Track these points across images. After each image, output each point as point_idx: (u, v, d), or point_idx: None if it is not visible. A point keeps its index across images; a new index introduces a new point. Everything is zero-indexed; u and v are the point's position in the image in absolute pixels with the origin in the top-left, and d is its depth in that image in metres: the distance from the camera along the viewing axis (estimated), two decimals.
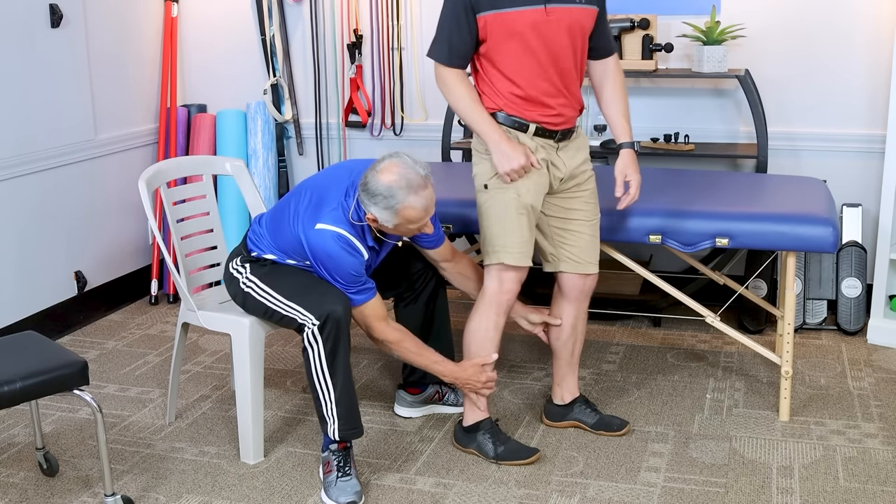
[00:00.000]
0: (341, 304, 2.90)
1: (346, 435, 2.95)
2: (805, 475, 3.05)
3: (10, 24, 3.99)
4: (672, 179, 3.81)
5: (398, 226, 2.87)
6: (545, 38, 2.88)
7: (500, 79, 2.94)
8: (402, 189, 2.78)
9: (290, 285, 3.00)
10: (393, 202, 2.79)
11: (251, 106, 4.83)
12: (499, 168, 2.93)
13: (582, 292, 3.23)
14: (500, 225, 2.99)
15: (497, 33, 2.87)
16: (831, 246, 3.20)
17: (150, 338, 4.35)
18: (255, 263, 3.11)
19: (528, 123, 2.96)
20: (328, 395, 2.93)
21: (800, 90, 4.31)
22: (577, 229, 3.14)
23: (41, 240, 4.23)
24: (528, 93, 2.93)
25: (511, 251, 3.00)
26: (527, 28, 2.86)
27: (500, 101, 2.95)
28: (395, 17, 4.68)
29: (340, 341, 2.90)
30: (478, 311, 3.11)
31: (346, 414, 2.94)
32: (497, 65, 2.92)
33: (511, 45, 2.88)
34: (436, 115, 4.72)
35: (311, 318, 2.90)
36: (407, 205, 2.79)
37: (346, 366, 2.93)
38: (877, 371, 3.83)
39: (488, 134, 2.93)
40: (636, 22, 4.21)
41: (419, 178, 2.80)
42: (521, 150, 2.91)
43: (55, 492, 3.03)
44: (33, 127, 4.13)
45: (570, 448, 3.24)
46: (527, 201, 2.98)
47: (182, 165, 3.51)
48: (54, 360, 2.73)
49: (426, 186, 2.82)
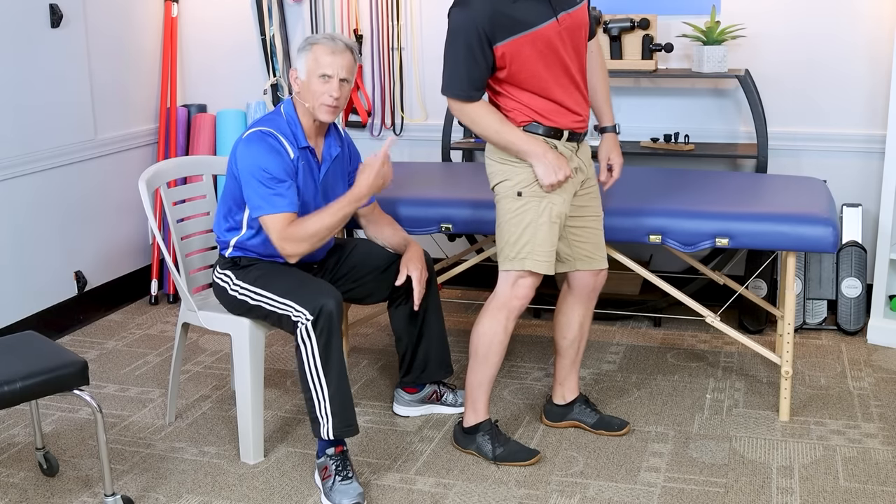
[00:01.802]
0: (333, 298, 2.92)
1: (341, 432, 2.93)
2: (805, 475, 3.05)
3: (10, 24, 3.99)
4: (672, 179, 3.81)
5: (310, 73, 3.04)
6: (562, 47, 2.88)
7: (525, 95, 2.91)
8: (320, 35, 3.09)
9: (280, 283, 3.02)
10: (307, 43, 3.07)
11: (251, 106, 4.83)
12: (544, 180, 2.91)
13: (594, 290, 3.23)
14: (531, 233, 2.97)
15: (517, 58, 2.84)
16: (831, 246, 3.20)
17: (150, 338, 4.35)
18: (235, 267, 3.14)
19: (562, 130, 2.96)
20: (321, 392, 2.92)
21: (800, 90, 4.31)
22: (589, 225, 3.15)
23: (41, 240, 4.23)
24: (555, 102, 2.92)
25: (539, 259, 2.99)
26: (545, 44, 2.84)
27: (532, 114, 2.93)
28: (395, 17, 4.68)
29: (333, 336, 2.91)
30: (487, 314, 3.10)
31: (341, 411, 2.93)
32: (521, 85, 2.90)
33: (532, 65, 2.86)
34: (436, 115, 4.72)
35: (305, 312, 2.91)
36: (318, 43, 3.04)
37: (339, 361, 2.93)
38: (877, 371, 3.83)
39: (531, 149, 2.90)
40: (636, 22, 4.21)
41: (340, 37, 3.09)
42: (564, 161, 2.92)
43: (55, 492, 3.03)
44: (33, 127, 4.13)
45: (570, 448, 3.24)
46: (561, 210, 2.98)
47: (182, 165, 3.51)
48: (54, 360, 2.73)
49: (346, 47, 3.07)
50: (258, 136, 3.03)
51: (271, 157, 2.99)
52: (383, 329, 4.34)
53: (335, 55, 3.03)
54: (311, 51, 3.04)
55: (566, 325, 3.28)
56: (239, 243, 3.14)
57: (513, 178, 2.97)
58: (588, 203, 3.13)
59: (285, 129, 3.06)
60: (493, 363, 3.12)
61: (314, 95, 3.04)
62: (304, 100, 3.07)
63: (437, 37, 4.59)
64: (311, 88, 3.04)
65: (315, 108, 3.05)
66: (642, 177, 3.84)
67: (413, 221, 3.52)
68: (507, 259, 3.03)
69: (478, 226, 3.54)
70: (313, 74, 3.03)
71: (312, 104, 3.05)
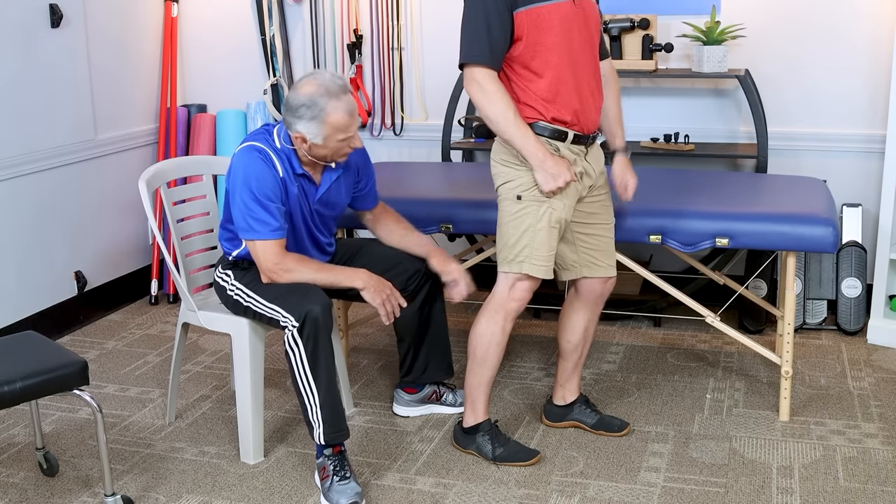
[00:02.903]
0: (319, 304, 2.89)
1: (332, 438, 2.92)
2: (805, 475, 3.05)
3: (10, 24, 3.99)
4: (672, 179, 3.81)
5: (328, 138, 2.88)
6: (576, 31, 2.88)
7: (534, 79, 2.89)
8: (323, 97, 2.84)
9: (271, 288, 3.01)
10: (317, 110, 2.85)
11: (251, 106, 4.83)
12: (544, 187, 2.90)
13: (601, 297, 3.23)
14: (529, 236, 2.97)
15: (533, 29, 2.83)
16: (831, 246, 3.20)
17: (150, 338, 4.35)
18: (235, 267, 3.14)
19: (567, 132, 2.94)
20: (313, 398, 2.91)
21: (800, 90, 4.31)
22: (598, 233, 3.14)
23: (41, 240, 4.23)
24: (562, 89, 2.89)
25: (537, 263, 2.98)
26: (560, 21, 2.84)
27: (538, 107, 2.90)
28: (395, 17, 4.68)
29: (320, 342, 2.89)
30: (485, 315, 3.10)
31: (331, 417, 2.92)
32: (530, 65, 2.87)
33: (546, 40, 2.84)
34: (436, 115, 4.72)
35: (291, 319, 2.90)
36: (331, 110, 2.85)
37: (328, 367, 2.91)
38: (877, 371, 3.83)
39: (532, 153, 2.88)
40: (636, 22, 4.21)
41: (337, 85, 2.87)
42: (564, 166, 2.90)
43: (55, 492, 3.03)
44: (33, 127, 4.13)
45: (570, 448, 3.24)
46: (561, 216, 2.97)
47: (182, 165, 3.51)
48: (54, 360, 2.73)
49: (346, 93, 2.87)
50: (247, 150, 2.96)
51: (260, 176, 2.92)
52: (383, 329, 4.34)
53: (352, 116, 2.90)
54: (325, 122, 2.87)
55: (570, 329, 3.27)
56: (240, 254, 3.13)
57: (514, 181, 2.97)
58: (597, 210, 3.12)
59: (282, 154, 2.98)
60: (491, 364, 3.12)
61: (332, 151, 2.96)
62: (315, 155, 2.97)
63: (438, 37, 4.61)
64: (330, 147, 2.94)
65: (331, 158, 2.99)
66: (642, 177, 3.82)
67: (413, 221, 3.51)
68: (505, 261, 3.03)
69: (478, 226, 3.55)
70: (332, 139, 2.92)
71: (327, 157, 2.97)
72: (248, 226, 2.95)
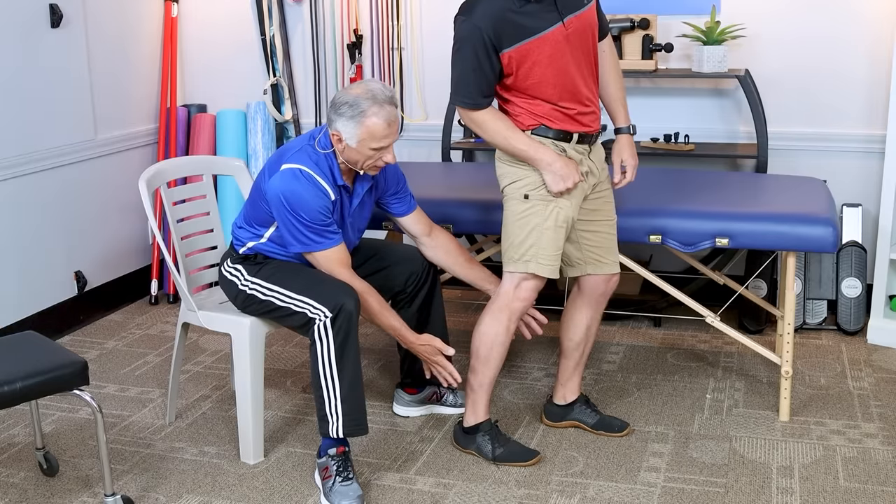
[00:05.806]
0: (352, 297, 2.90)
1: (351, 431, 2.92)
2: (805, 475, 3.05)
3: (10, 24, 3.99)
4: (672, 179, 3.81)
5: (361, 142, 2.88)
6: (570, 51, 2.86)
7: (534, 102, 2.90)
8: (367, 100, 2.86)
9: (297, 280, 3.00)
10: (357, 111, 2.85)
11: (251, 106, 4.83)
12: (553, 188, 2.90)
13: (604, 294, 3.23)
14: (536, 236, 2.97)
15: (524, 64, 2.83)
16: (831, 246, 3.20)
17: (150, 338, 4.35)
18: (246, 262, 3.12)
19: (571, 133, 2.94)
20: (334, 391, 2.91)
21: (800, 90, 4.31)
22: (601, 230, 3.14)
23: (41, 240, 4.23)
24: (564, 106, 2.91)
25: (543, 262, 2.99)
26: (551, 51, 2.83)
27: (541, 119, 2.91)
28: (395, 17, 4.68)
29: (351, 335, 2.90)
30: (489, 315, 3.09)
31: (352, 410, 2.92)
32: (528, 91, 2.88)
33: (540, 70, 2.84)
34: (436, 115, 4.72)
35: (324, 310, 2.89)
36: (371, 114, 2.85)
37: (355, 360, 2.92)
38: (877, 371, 3.83)
39: (539, 157, 2.89)
40: (636, 22, 4.21)
41: (385, 95, 2.88)
42: (573, 167, 2.91)
43: (55, 492, 3.03)
44: (33, 127, 4.13)
45: (570, 448, 3.24)
46: (568, 215, 2.97)
47: (182, 165, 3.51)
48: (54, 360, 2.73)
49: (391, 104, 2.88)
50: (291, 177, 2.92)
51: (309, 204, 2.91)
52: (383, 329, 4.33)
53: (390, 126, 2.88)
54: (363, 124, 2.85)
55: (573, 328, 3.27)
56: (255, 248, 3.13)
57: (521, 180, 2.97)
58: (600, 207, 3.12)
59: (323, 166, 2.96)
60: (494, 364, 3.12)
61: (364, 158, 2.93)
62: (347, 158, 2.95)
63: (438, 37, 4.61)
64: (362, 153, 2.92)
65: (361, 166, 2.97)
66: (642, 177, 3.82)
67: None
68: (511, 260, 3.02)
69: (478, 226, 3.55)
70: (365, 145, 2.89)
71: (358, 163, 2.95)
72: (307, 242, 2.96)
